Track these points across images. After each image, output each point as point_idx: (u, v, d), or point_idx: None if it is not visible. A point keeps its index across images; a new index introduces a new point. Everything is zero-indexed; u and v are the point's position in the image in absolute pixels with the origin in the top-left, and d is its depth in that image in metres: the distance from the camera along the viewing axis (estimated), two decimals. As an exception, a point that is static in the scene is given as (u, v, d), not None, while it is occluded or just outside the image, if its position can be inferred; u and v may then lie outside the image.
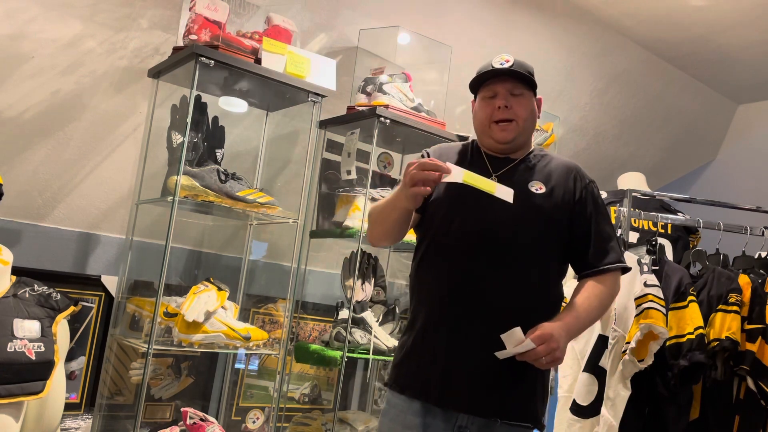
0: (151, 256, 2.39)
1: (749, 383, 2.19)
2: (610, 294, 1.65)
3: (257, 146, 2.70)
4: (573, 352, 2.43)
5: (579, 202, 1.65)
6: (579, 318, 1.56)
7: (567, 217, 1.64)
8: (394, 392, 1.64)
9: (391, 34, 2.77)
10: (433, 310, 1.61)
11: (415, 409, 1.57)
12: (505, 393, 1.55)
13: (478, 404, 1.54)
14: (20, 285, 1.83)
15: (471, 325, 1.56)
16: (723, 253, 2.48)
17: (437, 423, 1.55)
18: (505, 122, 1.65)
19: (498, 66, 1.65)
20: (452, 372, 1.55)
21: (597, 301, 1.61)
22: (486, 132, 1.68)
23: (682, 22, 3.20)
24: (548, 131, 3.14)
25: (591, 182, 1.70)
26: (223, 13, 2.23)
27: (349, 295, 2.51)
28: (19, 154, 2.29)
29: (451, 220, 1.62)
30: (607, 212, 1.71)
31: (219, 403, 2.71)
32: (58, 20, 2.19)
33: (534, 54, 3.28)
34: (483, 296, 1.56)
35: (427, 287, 1.65)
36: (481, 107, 1.69)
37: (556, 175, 1.67)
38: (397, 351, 1.70)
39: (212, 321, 2.20)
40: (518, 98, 1.66)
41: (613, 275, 1.66)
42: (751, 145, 4.19)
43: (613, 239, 1.68)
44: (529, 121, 1.68)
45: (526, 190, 1.62)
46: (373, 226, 1.70)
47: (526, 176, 1.66)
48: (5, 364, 1.66)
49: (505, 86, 1.65)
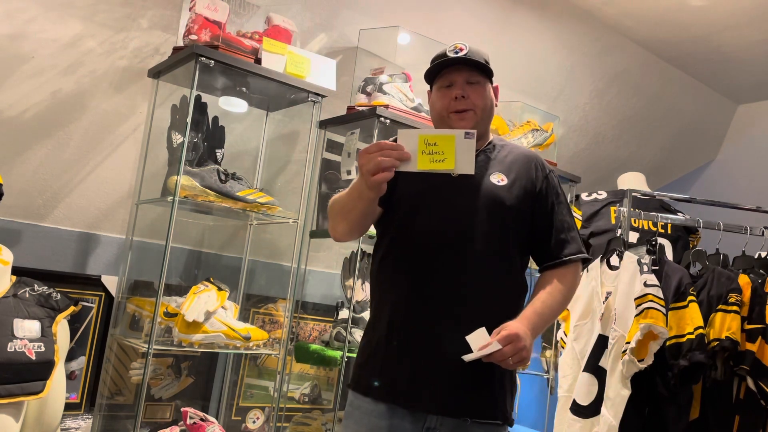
0: (151, 256, 2.39)
1: (749, 383, 2.19)
2: (570, 288, 1.64)
3: (257, 146, 2.70)
4: (573, 352, 2.43)
5: (540, 192, 1.64)
6: (543, 316, 1.55)
7: (529, 207, 1.62)
8: (357, 394, 1.59)
9: (391, 34, 2.77)
10: (396, 308, 1.57)
11: (381, 411, 1.53)
12: (474, 392, 1.53)
13: (448, 404, 1.51)
14: (20, 285, 1.83)
15: (435, 322, 1.53)
16: (723, 253, 2.48)
17: (405, 425, 1.51)
18: (463, 112, 1.62)
19: (452, 55, 1.62)
20: (419, 372, 1.52)
21: (560, 296, 1.60)
22: (444, 123, 1.65)
23: (682, 22, 3.20)
24: (548, 131, 3.14)
25: (551, 172, 1.69)
26: (223, 13, 2.23)
27: (349, 295, 2.51)
28: (19, 154, 2.30)
29: (413, 214, 1.59)
30: (567, 202, 1.70)
31: (219, 403, 2.71)
32: (58, 20, 2.19)
33: (534, 54, 3.28)
34: (447, 292, 1.53)
35: (390, 285, 1.61)
36: (438, 97, 1.66)
37: (517, 165, 1.65)
38: (359, 352, 1.66)
39: (212, 321, 2.20)
40: (475, 87, 1.63)
41: (574, 266, 1.65)
42: (751, 145, 4.19)
43: (573, 230, 1.67)
44: (488, 109, 1.66)
45: (487, 183, 1.60)
46: (336, 222, 1.63)
47: (486, 168, 1.63)
48: (5, 364, 1.66)
49: (461, 75, 1.62)
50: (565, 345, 2.50)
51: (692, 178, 4.45)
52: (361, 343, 1.67)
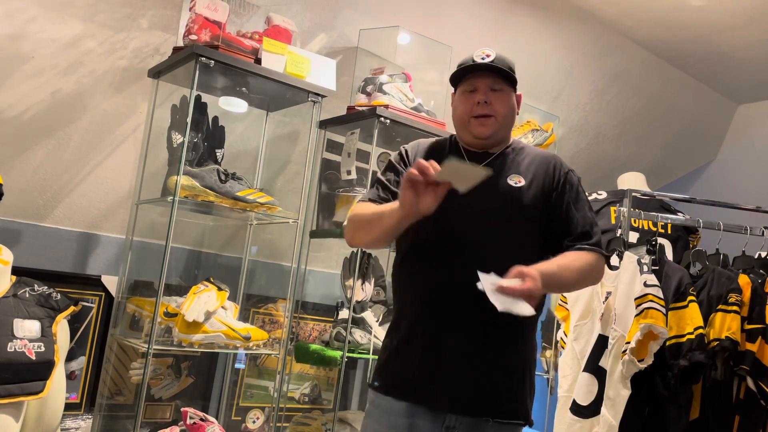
0: (151, 256, 2.39)
1: (749, 383, 2.19)
2: (589, 268, 1.59)
3: (257, 146, 2.70)
4: (573, 352, 2.43)
5: (557, 189, 1.64)
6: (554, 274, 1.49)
7: (546, 206, 1.62)
8: (377, 393, 1.61)
9: (391, 34, 2.77)
10: (416, 310, 1.60)
11: (401, 409, 1.55)
12: (493, 391, 1.54)
13: (467, 404, 1.53)
14: (20, 285, 1.83)
15: (454, 324, 1.54)
16: (723, 253, 2.48)
17: (424, 423, 1.53)
18: (484, 117, 1.63)
19: (479, 60, 1.63)
20: (438, 373, 1.54)
21: (576, 268, 1.56)
22: (465, 127, 1.67)
23: (682, 22, 3.20)
24: (548, 131, 3.14)
25: (570, 171, 1.69)
26: (223, 13, 2.23)
27: (349, 295, 2.51)
28: (19, 154, 2.30)
29: (431, 217, 1.57)
30: (587, 201, 1.69)
31: (219, 403, 2.71)
32: (58, 20, 2.19)
33: (534, 54, 3.28)
34: (465, 294, 1.52)
35: (409, 287, 1.64)
36: (461, 101, 1.67)
37: (534, 166, 1.66)
38: (381, 351, 1.69)
39: (212, 321, 2.20)
40: (498, 94, 1.64)
41: (598, 257, 1.62)
42: (751, 145, 4.19)
43: (597, 225, 1.66)
44: (509, 117, 1.67)
45: (504, 184, 1.61)
46: (360, 233, 1.64)
47: (504, 170, 1.64)
48: (5, 364, 1.66)
49: (485, 81, 1.63)
50: (565, 345, 2.50)
51: (692, 178, 4.44)
52: (384, 342, 1.69)
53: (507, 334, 1.57)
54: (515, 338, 1.59)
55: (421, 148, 1.76)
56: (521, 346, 1.60)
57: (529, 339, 1.63)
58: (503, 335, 1.56)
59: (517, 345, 1.59)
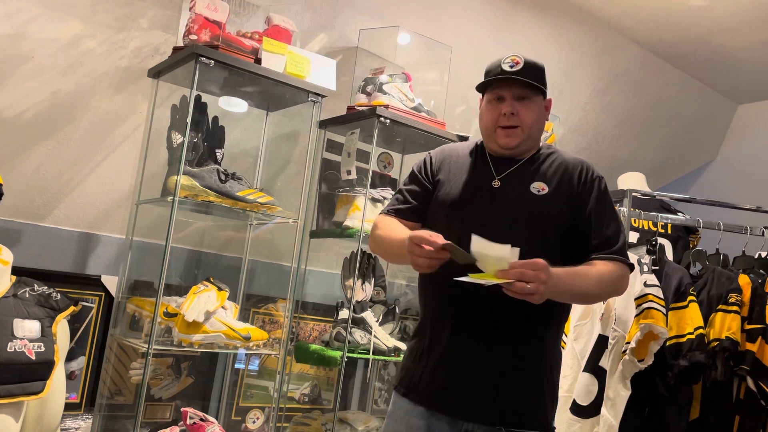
0: (151, 256, 2.39)
1: (749, 383, 2.19)
2: (611, 278, 1.54)
3: (257, 146, 2.70)
4: (573, 352, 2.43)
5: (581, 194, 1.60)
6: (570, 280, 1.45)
7: (569, 212, 1.58)
8: (399, 395, 1.64)
9: (391, 34, 2.77)
10: (436, 317, 1.62)
11: (420, 412, 1.57)
12: (509, 400, 1.53)
13: (481, 412, 1.53)
14: (20, 285, 1.83)
15: (473, 332, 1.55)
16: (723, 253, 2.48)
17: (442, 426, 1.54)
18: (511, 128, 1.60)
19: (507, 68, 1.59)
20: (454, 379, 1.55)
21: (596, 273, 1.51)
22: (491, 136, 1.64)
23: (682, 22, 3.20)
24: (548, 131, 3.14)
25: (598, 177, 1.64)
26: (223, 13, 2.23)
27: (349, 295, 2.51)
28: (19, 154, 2.29)
29: (450, 227, 1.58)
30: (614, 208, 1.65)
31: (219, 403, 2.71)
32: (58, 20, 2.19)
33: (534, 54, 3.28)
34: (483, 303, 1.52)
35: (432, 295, 1.65)
36: (487, 110, 1.64)
37: (560, 172, 1.62)
38: (405, 355, 1.71)
39: (212, 321, 2.20)
40: (525, 102, 1.60)
41: (621, 266, 1.57)
42: (751, 145, 4.19)
43: (622, 233, 1.62)
44: (536, 126, 1.63)
45: (527, 193, 1.59)
46: (378, 252, 1.72)
47: (529, 177, 1.62)
48: (5, 364, 1.66)
49: (512, 90, 1.60)
50: (565, 345, 2.50)
51: (692, 178, 4.44)
52: (408, 346, 1.71)
53: (528, 342, 1.56)
54: (536, 346, 1.58)
55: (446, 154, 1.73)
56: (543, 353, 1.58)
57: (551, 345, 1.61)
58: (524, 343, 1.56)
59: (537, 353, 1.58)
